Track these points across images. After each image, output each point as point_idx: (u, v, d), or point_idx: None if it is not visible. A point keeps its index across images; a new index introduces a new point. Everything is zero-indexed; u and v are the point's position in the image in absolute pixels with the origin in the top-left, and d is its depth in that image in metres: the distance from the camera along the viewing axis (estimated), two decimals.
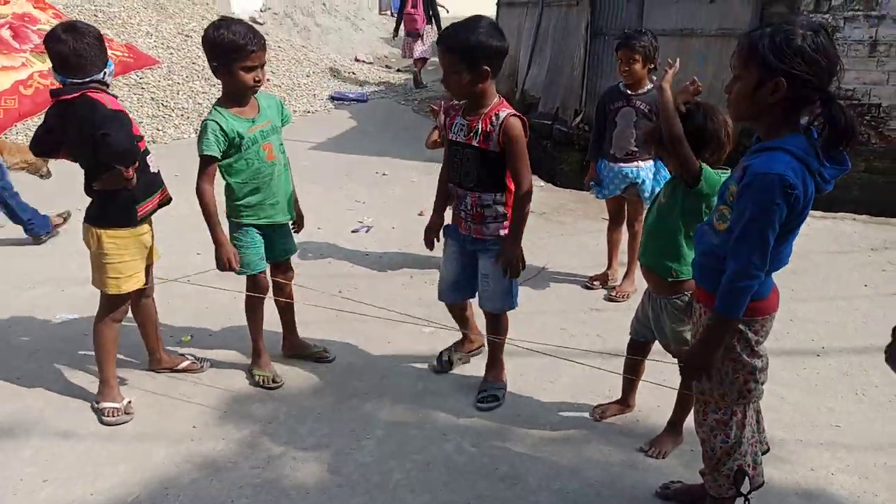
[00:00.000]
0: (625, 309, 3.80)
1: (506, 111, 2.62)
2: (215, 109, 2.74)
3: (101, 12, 8.95)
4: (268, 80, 9.90)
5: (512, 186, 2.70)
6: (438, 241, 3.03)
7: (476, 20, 2.58)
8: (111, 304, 2.78)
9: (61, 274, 4.12)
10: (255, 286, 2.99)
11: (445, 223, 3.00)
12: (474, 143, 2.65)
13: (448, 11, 18.97)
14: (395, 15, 12.12)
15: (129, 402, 2.85)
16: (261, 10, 13.09)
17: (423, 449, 2.65)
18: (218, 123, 2.69)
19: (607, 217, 4.29)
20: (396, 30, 11.55)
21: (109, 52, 2.70)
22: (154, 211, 2.81)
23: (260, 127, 2.81)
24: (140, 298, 2.95)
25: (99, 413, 2.80)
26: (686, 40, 6.02)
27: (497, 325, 2.95)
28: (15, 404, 2.88)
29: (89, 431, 2.73)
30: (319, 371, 3.18)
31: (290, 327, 3.26)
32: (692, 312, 2.12)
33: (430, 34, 10.98)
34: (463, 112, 2.72)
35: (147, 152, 2.77)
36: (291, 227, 3.10)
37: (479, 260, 2.86)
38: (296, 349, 3.27)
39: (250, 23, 10.67)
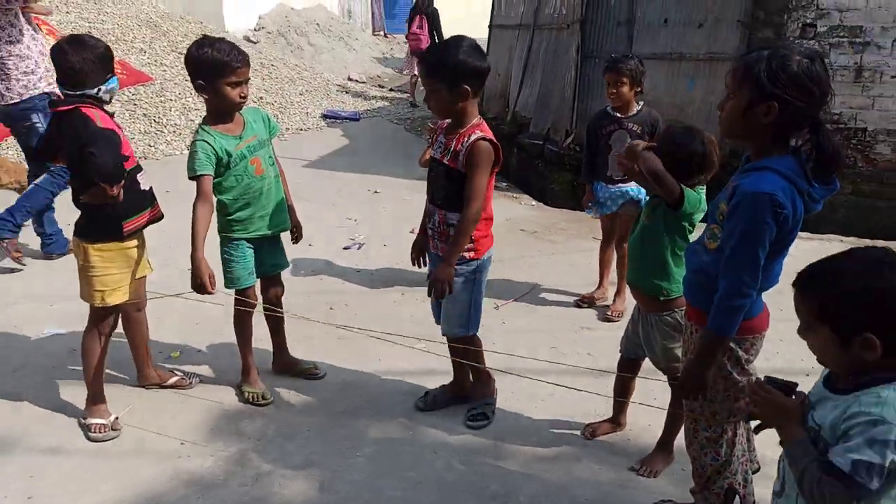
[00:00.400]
0: (616, 328, 3.82)
1: (478, 134, 2.57)
2: (202, 129, 2.75)
3: (94, 29, 8.97)
4: (260, 97, 9.96)
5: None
6: (425, 260, 2.97)
7: (457, 40, 2.57)
8: (98, 317, 2.77)
9: (49, 290, 4.09)
10: (243, 301, 2.97)
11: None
12: (445, 160, 2.65)
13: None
14: (386, 35, 12.53)
15: (117, 418, 2.82)
16: (255, 30, 13.16)
17: (414, 467, 2.64)
18: (207, 143, 2.71)
19: (599, 237, 4.32)
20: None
21: None
22: (143, 227, 2.81)
23: (247, 143, 2.82)
24: (131, 312, 2.93)
25: (86, 429, 2.77)
26: (675, 64, 6.12)
27: (465, 353, 2.86)
28: (0, 420, 2.84)
29: (76, 448, 2.70)
30: (309, 388, 3.17)
31: (280, 344, 3.24)
32: (683, 330, 2.14)
33: None
34: (445, 131, 2.72)
35: (138, 169, 2.78)
36: (291, 235, 3.09)
37: None
38: (286, 366, 3.24)
39: (244, 41, 10.66)
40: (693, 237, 2.49)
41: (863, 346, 1.30)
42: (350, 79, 13.04)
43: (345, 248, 5.09)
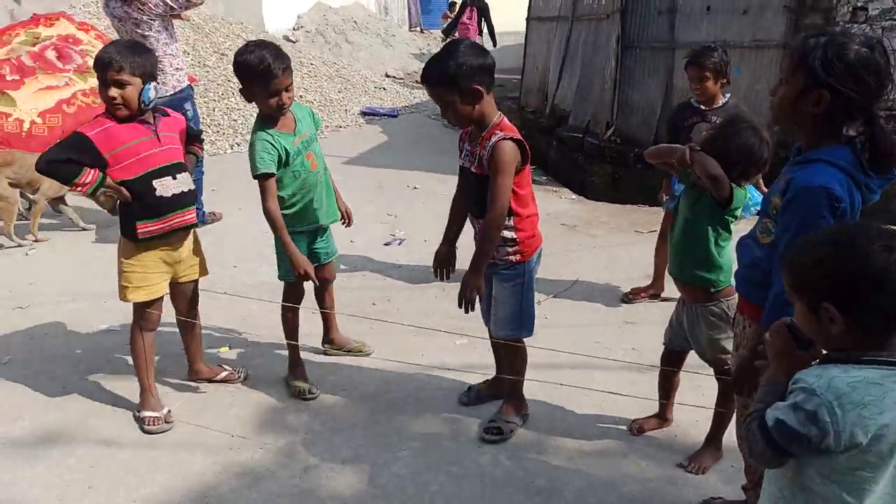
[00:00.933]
0: (659, 322, 3.76)
1: (498, 135, 2.47)
2: (260, 130, 2.79)
3: None
4: (300, 96, 10.07)
5: (519, 209, 2.58)
6: (452, 271, 2.88)
7: (452, 45, 2.51)
8: (136, 313, 2.85)
9: (102, 287, 4.22)
10: (292, 293, 3.04)
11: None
12: (473, 168, 2.57)
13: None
14: (450, 19, 13.89)
15: (169, 411, 2.90)
16: (294, 29, 13.33)
17: (458, 461, 2.65)
18: (268, 141, 2.76)
19: (641, 230, 4.26)
20: (446, 33, 12.96)
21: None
22: (162, 234, 2.75)
23: (301, 138, 2.89)
24: (186, 309, 3.02)
25: (140, 422, 2.86)
26: None
27: (512, 357, 2.82)
28: (60, 413, 2.96)
29: (131, 440, 2.78)
30: (354, 382, 3.21)
31: (330, 325, 3.38)
32: (735, 323, 2.09)
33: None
34: (469, 138, 2.63)
35: (156, 175, 2.70)
36: (341, 223, 3.18)
37: (493, 282, 2.74)
38: (335, 344, 3.40)
39: (284, 41, 10.78)
40: (734, 228, 2.46)
41: (829, 318, 1.30)
42: (388, 75, 13.11)
43: (385, 244, 5.13)
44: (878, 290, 1.25)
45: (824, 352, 1.38)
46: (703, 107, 3.76)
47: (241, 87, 2.77)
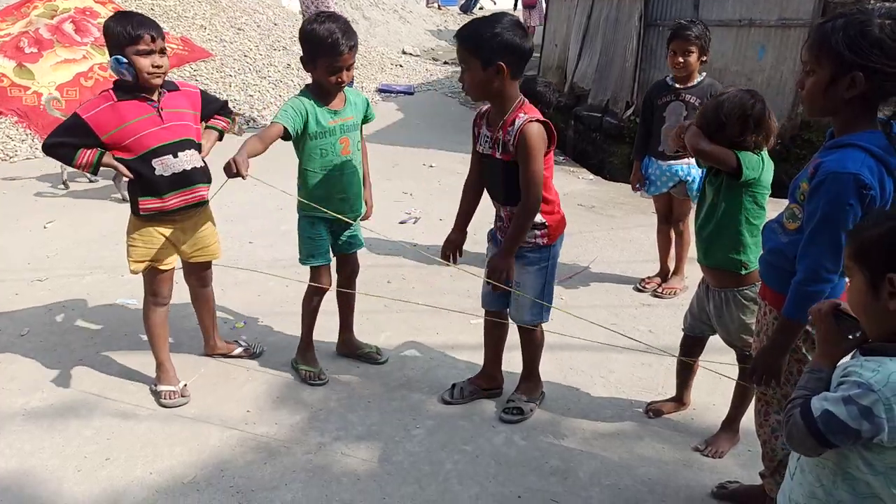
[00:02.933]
0: (676, 305, 3.73)
1: (523, 117, 2.40)
2: (302, 95, 2.76)
3: (157, 6, 9.17)
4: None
5: (546, 194, 2.52)
6: (460, 255, 2.83)
7: (498, 15, 2.44)
8: (146, 286, 2.87)
9: (120, 261, 4.24)
10: (317, 279, 2.97)
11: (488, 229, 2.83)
12: (497, 155, 2.50)
13: (495, 3, 18.90)
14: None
15: (185, 385, 2.92)
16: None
17: (473, 440, 2.65)
18: (300, 103, 2.71)
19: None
20: (465, 9, 15.24)
21: (165, 44, 2.69)
22: (165, 212, 2.71)
23: (342, 120, 2.81)
24: (198, 287, 3.02)
25: (157, 395, 2.88)
26: (744, 31, 5.86)
27: (530, 339, 2.81)
28: (77, 386, 2.98)
29: (148, 413, 2.81)
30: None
31: (347, 324, 3.23)
32: (759, 310, 2.05)
33: (542, 7, 13.35)
34: (487, 121, 2.56)
35: (155, 154, 2.63)
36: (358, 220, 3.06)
37: (515, 268, 2.63)
38: (349, 347, 3.24)
39: (300, 16, 10.67)
40: (767, 210, 2.40)
41: (890, 293, 1.25)
42: (404, 52, 12.98)
43: (400, 223, 5.11)
44: None
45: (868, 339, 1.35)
46: (677, 85, 3.71)
47: (302, 55, 2.72)
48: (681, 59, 3.62)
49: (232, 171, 2.40)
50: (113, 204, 5.31)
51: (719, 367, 2.55)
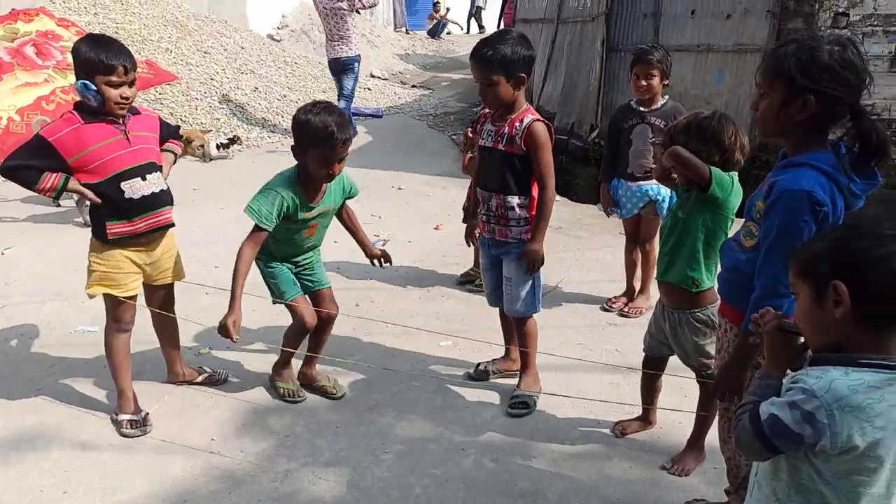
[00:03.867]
0: (643, 324, 3.76)
1: (531, 117, 2.75)
2: (288, 187, 2.69)
3: (122, 29, 9.09)
4: (283, 95, 10.00)
5: (535, 192, 2.82)
6: (476, 239, 3.24)
7: (505, 33, 2.78)
8: (108, 312, 2.80)
9: (81, 287, 4.15)
10: (299, 311, 2.89)
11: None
12: (500, 146, 2.78)
13: (462, 29, 19.15)
14: (436, 20, 18.11)
15: (147, 414, 2.85)
16: (278, 28, 13.24)
17: (442, 464, 2.63)
18: (285, 201, 2.67)
19: (625, 233, 4.27)
20: (432, 34, 16.68)
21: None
22: (134, 235, 2.69)
23: (318, 212, 2.81)
24: (161, 312, 2.96)
25: (118, 425, 2.80)
26: (702, 56, 6.03)
27: (524, 334, 3.00)
28: (35, 417, 2.89)
29: (108, 443, 2.73)
30: (337, 385, 3.17)
31: (311, 361, 3.12)
32: (717, 327, 2.09)
33: None
34: (492, 119, 2.87)
35: (124, 177, 2.61)
36: (377, 261, 3.13)
37: (503, 263, 2.95)
38: (306, 378, 3.11)
39: (268, 39, 10.71)
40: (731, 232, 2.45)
41: (834, 300, 1.28)
42: (373, 75, 13.05)
43: None
44: (885, 275, 1.25)
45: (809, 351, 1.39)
46: (642, 108, 3.79)
47: (294, 143, 2.67)
48: (643, 83, 3.70)
49: (226, 334, 2.59)
50: (75, 228, 5.21)
51: (684, 384, 2.59)
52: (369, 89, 11.84)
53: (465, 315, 3.96)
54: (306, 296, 2.96)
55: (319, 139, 2.58)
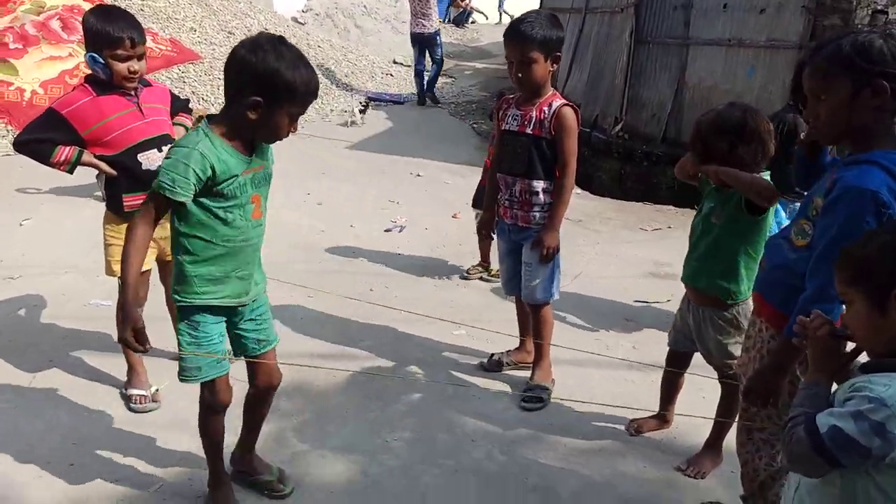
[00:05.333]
0: (663, 322, 3.69)
1: (559, 101, 2.74)
2: (206, 133, 1.92)
3: (147, 7, 9.08)
4: None
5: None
6: (493, 234, 3.19)
7: (540, 13, 2.77)
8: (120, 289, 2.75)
9: (97, 261, 4.15)
10: (212, 395, 2.15)
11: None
12: (528, 130, 2.75)
13: (487, 18, 18.98)
14: (461, 9, 17.27)
15: (157, 389, 2.83)
16: (303, 11, 13.18)
17: (452, 454, 2.58)
18: (204, 156, 1.87)
19: (647, 227, 4.18)
20: (456, 22, 16.12)
21: (154, 45, 2.64)
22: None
23: (254, 171, 2.01)
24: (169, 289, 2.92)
25: (127, 400, 2.79)
26: (733, 51, 5.89)
27: (539, 322, 2.96)
28: (45, 387, 2.88)
29: (117, 417, 2.71)
30: (348, 369, 3.13)
31: (249, 443, 2.39)
32: (751, 325, 2.00)
33: None
34: (516, 103, 2.83)
35: (141, 147, 2.57)
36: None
37: (524, 249, 2.90)
38: (244, 467, 2.38)
39: (292, 22, 10.73)
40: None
41: (874, 93, 1.24)
42: (395, 62, 12.97)
43: (386, 231, 5.05)
44: None
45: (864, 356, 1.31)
46: None
47: (254, 98, 1.86)
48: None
49: (131, 347, 1.95)
50: (94, 202, 5.21)
51: (703, 383, 2.52)
52: (391, 75, 11.76)
53: (478, 304, 3.91)
54: (228, 373, 2.18)
55: (299, 95, 1.92)
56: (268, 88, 1.86)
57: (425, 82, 10.01)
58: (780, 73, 5.54)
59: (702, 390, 2.85)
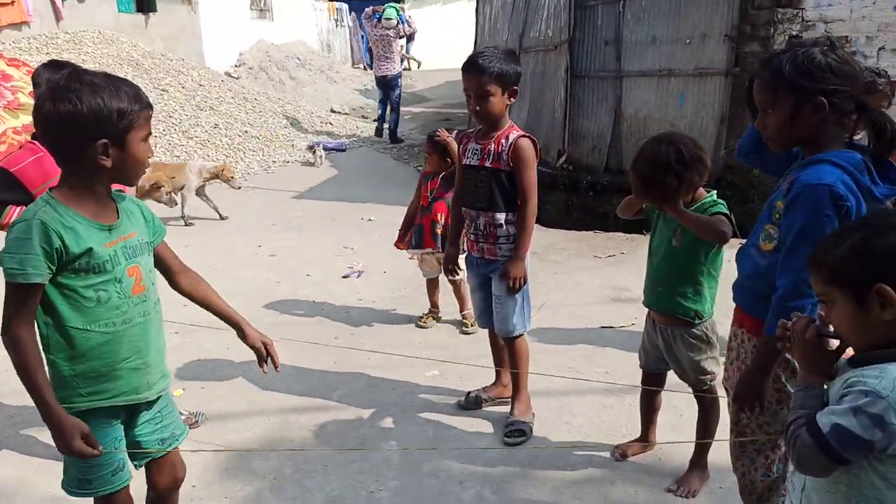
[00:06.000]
0: (631, 346, 3.72)
1: (516, 133, 2.76)
2: (47, 201, 1.62)
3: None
4: (245, 131, 9.88)
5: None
6: (459, 269, 3.18)
7: (497, 48, 2.79)
8: None
9: None
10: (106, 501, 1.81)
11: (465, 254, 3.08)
12: (487, 164, 2.76)
13: (420, 66, 19.34)
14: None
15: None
16: (235, 66, 13.16)
17: (441, 499, 2.51)
18: (45, 224, 1.56)
19: (599, 255, 4.24)
20: None
21: None
22: None
23: (123, 239, 1.71)
24: None
25: None
26: (665, 80, 6.16)
27: (515, 354, 2.93)
28: (4, 472, 2.68)
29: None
30: (323, 420, 3.03)
31: None
32: (733, 337, 2.03)
33: None
34: (476, 137, 2.85)
35: None
36: (262, 364, 2.07)
37: (493, 281, 2.88)
38: None
39: (226, 77, 10.62)
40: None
41: (881, 304, 1.22)
42: (333, 110, 13.03)
43: (344, 277, 4.98)
44: None
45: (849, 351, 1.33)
46: None
47: (100, 143, 1.60)
48: None
49: (83, 454, 1.65)
50: None
51: (678, 403, 2.54)
52: (331, 124, 11.79)
53: (448, 344, 3.87)
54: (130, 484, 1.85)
55: (136, 113, 1.65)
56: (107, 125, 1.60)
57: (387, 130, 10.86)
58: (710, 98, 5.81)
59: (677, 408, 2.88)
